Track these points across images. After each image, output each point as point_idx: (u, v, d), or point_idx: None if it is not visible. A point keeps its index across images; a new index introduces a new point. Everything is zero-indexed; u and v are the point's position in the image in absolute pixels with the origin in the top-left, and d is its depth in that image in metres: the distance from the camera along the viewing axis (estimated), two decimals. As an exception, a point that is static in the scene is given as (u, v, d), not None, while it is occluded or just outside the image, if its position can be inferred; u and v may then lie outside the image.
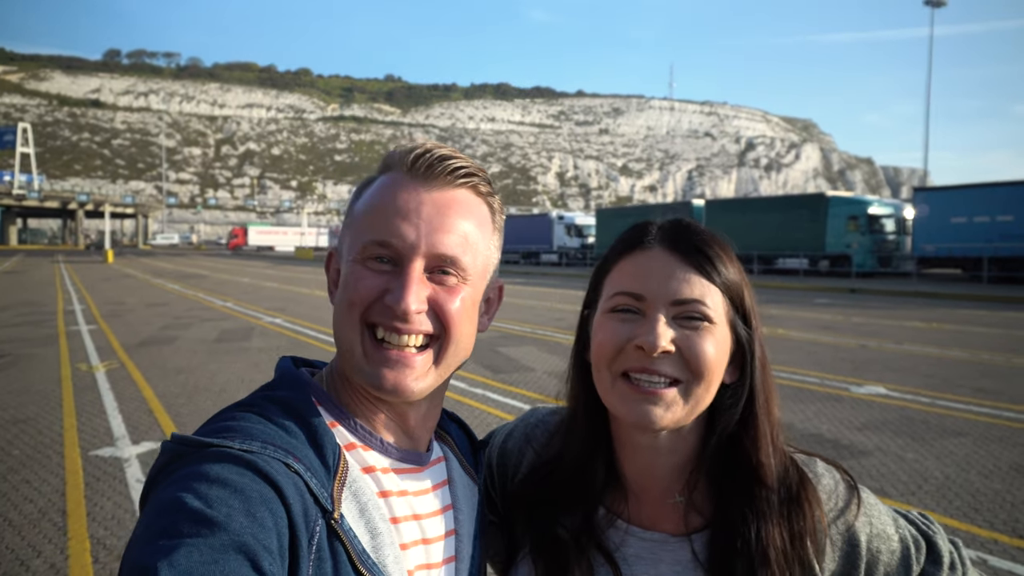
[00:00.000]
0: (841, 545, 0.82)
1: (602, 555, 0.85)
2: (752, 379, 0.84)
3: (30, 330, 12.68)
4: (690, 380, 0.79)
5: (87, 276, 30.25)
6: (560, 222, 45.80)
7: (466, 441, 0.95)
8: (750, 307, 0.84)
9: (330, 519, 0.67)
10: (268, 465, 0.64)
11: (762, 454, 0.82)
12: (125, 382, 8.10)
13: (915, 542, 0.85)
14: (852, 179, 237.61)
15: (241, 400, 0.76)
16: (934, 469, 5.13)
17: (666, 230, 0.84)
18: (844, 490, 0.85)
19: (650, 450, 0.85)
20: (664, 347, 0.77)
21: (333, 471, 0.70)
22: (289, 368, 0.81)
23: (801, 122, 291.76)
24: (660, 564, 0.84)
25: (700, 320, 0.79)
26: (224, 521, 0.58)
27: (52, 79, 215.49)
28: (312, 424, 0.72)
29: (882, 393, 7.62)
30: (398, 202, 0.75)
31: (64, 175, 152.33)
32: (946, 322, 14.33)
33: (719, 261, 0.81)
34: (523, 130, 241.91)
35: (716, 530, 0.82)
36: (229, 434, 0.67)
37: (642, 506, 0.87)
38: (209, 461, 0.63)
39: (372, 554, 0.70)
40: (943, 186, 28.18)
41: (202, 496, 0.59)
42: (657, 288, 0.80)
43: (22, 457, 5.32)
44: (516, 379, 8.29)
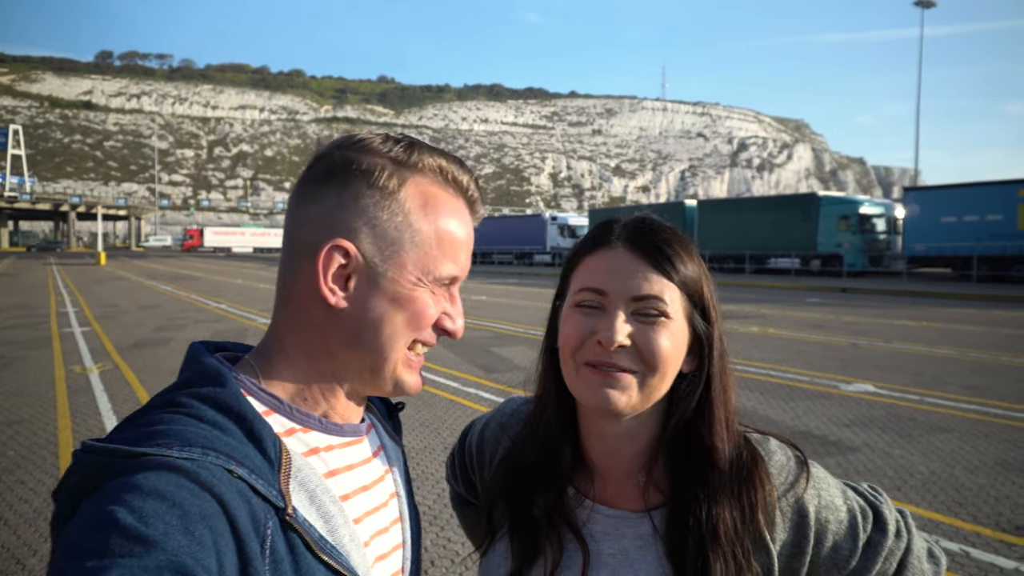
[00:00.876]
0: (791, 516, 0.87)
1: (571, 531, 0.91)
2: (709, 369, 0.90)
3: (23, 332, 12.66)
4: (645, 372, 0.85)
5: (80, 278, 30.15)
6: (553, 223, 45.89)
7: (383, 406, 0.98)
8: (709, 301, 0.89)
9: (283, 515, 0.66)
10: (210, 474, 0.60)
11: (716, 439, 0.88)
12: (119, 384, 8.12)
13: (862, 512, 0.91)
14: (844, 179, 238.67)
15: (160, 399, 0.70)
16: (920, 465, 5.21)
17: (628, 229, 0.89)
18: (795, 465, 0.90)
19: (613, 437, 0.91)
20: (620, 342, 0.83)
21: (277, 464, 0.68)
22: (207, 358, 0.76)
23: (793, 122, 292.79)
24: (623, 539, 0.90)
25: (657, 316, 0.85)
26: (161, 539, 0.54)
27: (43, 81, 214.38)
28: (247, 418, 0.68)
29: (871, 391, 7.70)
30: (465, 239, 0.82)
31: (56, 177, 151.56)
32: (935, 320, 14.46)
33: (677, 259, 0.86)
34: (516, 131, 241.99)
35: (672, 507, 0.88)
36: (163, 440, 0.62)
37: (607, 486, 0.93)
38: (145, 471, 0.58)
39: (329, 538, 0.70)
40: (933, 186, 28.37)
41: (136, 511, 0.55)
42: (617, 285, 0.85)
43: (17, 458, 5.35)
44: (509, 378, 8.34)
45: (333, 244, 0.75)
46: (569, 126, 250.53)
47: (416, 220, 0.77)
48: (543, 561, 0.90)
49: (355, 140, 0.79)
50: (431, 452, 5.57)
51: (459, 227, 0.80)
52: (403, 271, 0.76)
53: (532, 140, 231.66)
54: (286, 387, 0.78)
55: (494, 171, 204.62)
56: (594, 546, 0.90)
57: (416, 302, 0.77)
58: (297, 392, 0.78)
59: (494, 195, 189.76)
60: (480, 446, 1.09)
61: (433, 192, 0.79)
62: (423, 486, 4.82)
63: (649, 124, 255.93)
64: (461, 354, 10.18)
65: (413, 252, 0.77)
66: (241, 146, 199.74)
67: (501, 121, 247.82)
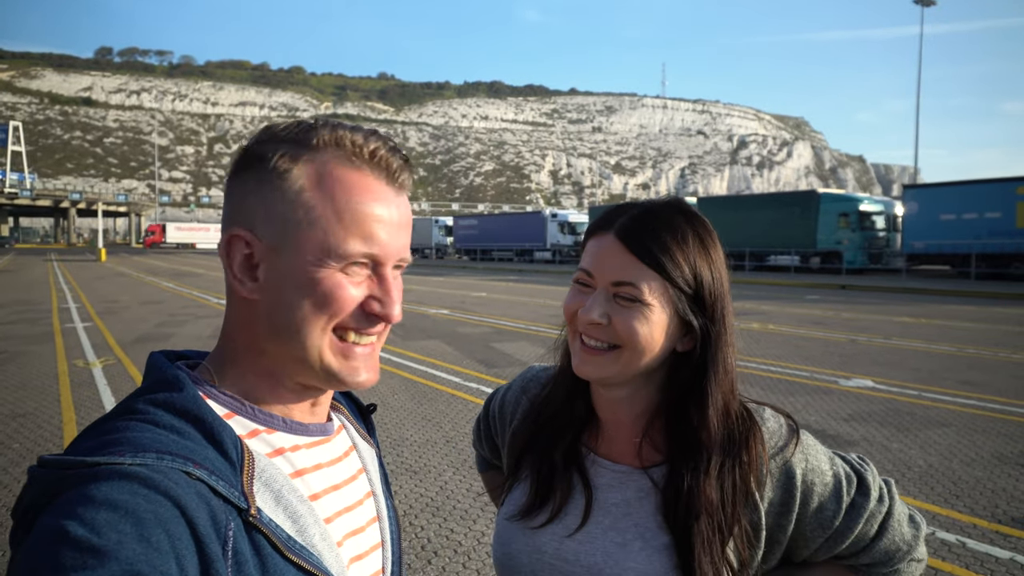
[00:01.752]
0: (779, 476, 0.95)
1: (580, 479, 1.02)
2: (704, 355, 0.96)
3: (25, 327, 12.70)
4: (622, 347, 0.93)
5: (80, 275, 30.18)
6: (554, 220, 45.90)
7: (354, 408, 0.98)
8: (710, 293, 0.95)
9: (247, 516, 0.64)
10: (165, 477, 0.59)
11: (707, 418, 0.95)
12: (122, 378, 8.16)
13: (847, 477, 0.98)
14: (844, 177, 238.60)
15: (118, 407, 0.69)
16: (917, 458, 5.26)
17: (626, 219, 0.96)
18: (786, 431, 0.98)
19: (611, 399, 1.01)
20: (594, 319, 0.93)
21: (239, 465, 0.67)
22: (165, 365, 0.74)
23: (793, 120, 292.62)
24: (626, 491, 0.99)
25: (632, 300, 0.92)
26: (114, 549, 0.53)
27: (43, 77, 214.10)
28: (206, 421, 0.67)
29: (869, 386, 7.75)
30: (378, 209, 0.74)
31: (56, 173, 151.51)
32: (934, 317, 14.51)
33: (664, 254, 0.92)
34: (516, 128, 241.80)
35: (669, 467, 0.98)
36: (116, 448, 0.61)
37: (611, 443, 1.03)
38: (96, 481, 0.57)
39: (298, 538, 0.69)
40: (932, 183, 28.39)
41: (88, 523, 0.53)
42: (602, 269, 0.94)
43: (22, 451, 5.40)
44: (510, 373, 8.39)
45: (231, 234, 0.75)
46: (569, 123, 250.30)
47: (309, 198, 0.72)
48: (552, 502, 1.00)
49: (262, 129, 0.78)
50: (433, 445, 5.61)
51: (367, 201, 0.73)
52: (301, 253, 0.72)
53: (532, 137, 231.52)
54: (240, 387, 0.76)
55: (494, 168, 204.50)
56: (597, 495, 1.00)
57: (320, 284, 0.72)
58: (250, 391, 0.76)
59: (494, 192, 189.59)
60: (502, 408, 1.20)
61: (332, 167, 0.73)
62: (426, 478, 4.87)
63: (649, 121, 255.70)
64: (462, 349, 10.24)
65: (309, 231, 0.72)
66: (241, 143, 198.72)
67: (501, 118, 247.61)
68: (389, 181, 0.76)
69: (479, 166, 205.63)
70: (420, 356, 9.69)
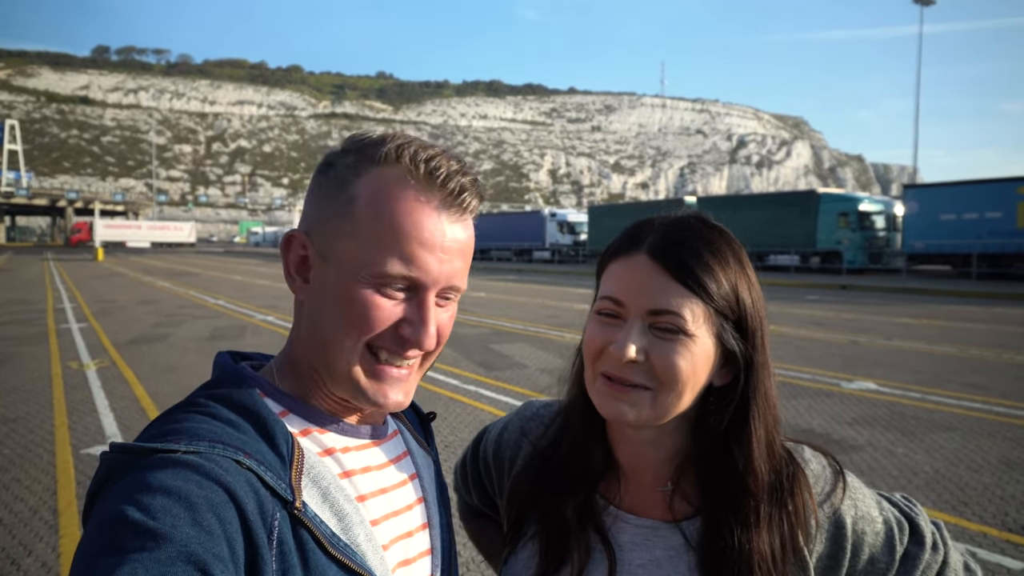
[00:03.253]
0: (828, 528, 0.84)
1: (599, 538, 0.88)
2: (745, 388, 0.85)
3: (20, 328, 12.59)
4: (658, 388, 0.80)
5: (77, 274, 30.05)
6: (552, 219, 45.82)
7: (413, 414, 0.97)
8: (748, 313, 0.84)
9: (292, 509, 0.66)
10: (216, 465, 0.62)
11: (752, 461, 0.83)
12: (116, 380, 8.06)
13: (898, 523, 0.88)
14: (843, 176, 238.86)
15: (183, 401, 0.73)
16: (924, 463, 5.17)
17: (657, 235, 0.83)
18: (831, 475, 0.87)
19: (636, 442, 0.88)
20: (631, 357, 0.79)
21: (288, 460, 0.69)
22: (229, 363, 0.79)
23: (792, 119, 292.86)
24: (655, 549, 0.87)
25: (675, 332, 0.79)
26: (169, 532, 0.56)
27: (40, 75, 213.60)
28: (261, 416, 0.70)
29: (872, 388, 7.67)
30: (424, 232, 0.72)
31: (53, 172, 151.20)
32: (935, 318, 14.44)
33: (705, 272, 0.80)
34: (515, 127, 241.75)
35: (705, 523, 0.85)
36: (173, 436, 0.64)
37: (634, 493, 0.90)
38: (152, 469, 0.60)
39: (342, 536, 0.70)
40: (933, 183, 28.33)
41: (144, 507, 0.57)
42: (635, 296, 0.81)
43: (12, 456, 5.29)
44: (509, 376, 8.30)
45: (289, 233, 0.78)
46: (568, 122, 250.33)
47: (360, 212, 0.72)
48: (569, 567, 0.88)
49: (348, 137, 0.79)
50: (431, 450, 5.51)
51: (412, 219, 0.71)
52: (343, 265, 0.72)
53: (531, 136, 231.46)
54: (297, 387, 0.78)
55: (493, 167, 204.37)
56: (621, 555, 0.87)
57: (356, 301, 0.72)
58: (306, 392, 0.78)
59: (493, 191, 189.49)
60: (498, 451, 1.05)
61: (388, 183, 0.72)
62: (423, 485, 4.77)
63: (648, 121, 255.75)
64: (461, 351, 10.14)
65: (353, 245, 0.72)
66: (239, 142, 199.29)
67: (500, 117, 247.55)
68: (445, 202, 0.73)
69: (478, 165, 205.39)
70: (418, 358, 9.58)
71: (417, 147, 0.74)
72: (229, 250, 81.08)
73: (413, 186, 0.72)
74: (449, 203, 0.73)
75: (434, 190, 0.73)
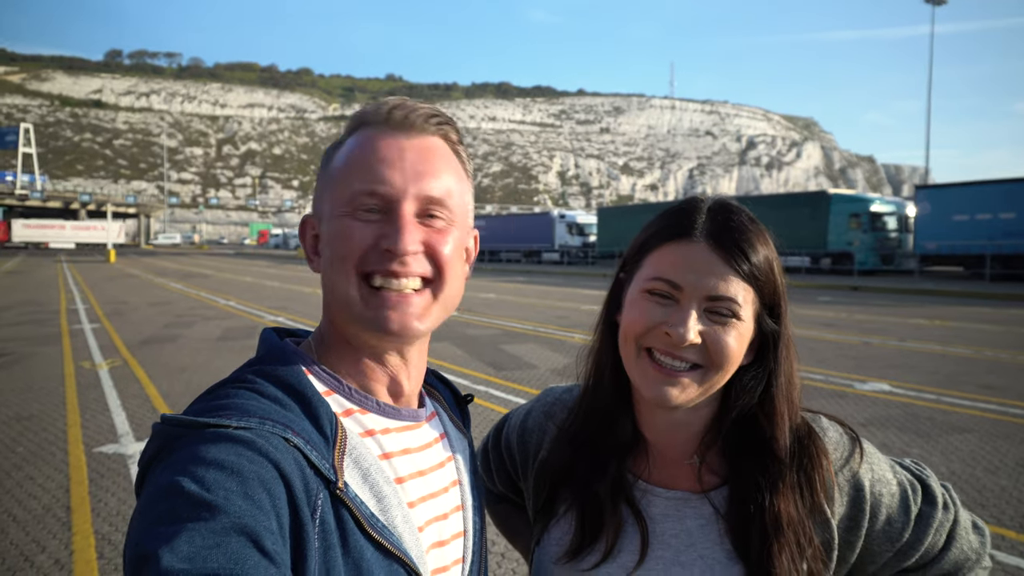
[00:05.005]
0: (848, 490, 0.89)
1: (632, 512, 0.91)
2: (773, 364, 0.89)
3: (33, 329, 12.68)
4: (708, 367, 0.85)
5: (90, 276, 30.27)
6: (562, 221, 45.78)
7: (451, 396, 0.99)
8: (781, 294, 0.90)
9: (335, 489, 0.67)
10: (266, 442, 0.64)
11: (777, 431, 0.88)
12: (128, 380, 8.10)
13: (911, 485, 0.93)
14: (853, 177, 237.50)
15: (231, 376, 0.75)
16: (940, 465, 5.11)
17: (715, 224, 0.87)
18: (848, 441, 0.93)
19: (665, 420, 0.92)
20: (692, 340, 0.83)
21: (332, 441, 0.71)
22: (275, 340, 0.81)
23: (802, 120, 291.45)
24: (686, 520, 0.91)
25: (729, 316, 0.84)
26: (223, 504, 0.58)
27: (54, 80, 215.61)
28: (306, 395, 0.72)
29: (886, 390, 7.60)
30: (380, 151, 0.76)
31: (66, 175, 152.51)
32: (949, 319, 14.31)
33: (756, 257, 0.86)
34: (524, 129, 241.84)
35: (732, 490, 0.90)
36: (224, 412, 0.66)
37: (662, 467, 0.94)
38: (205, 442, 0.62)
39: (381, 517, 0.71)
40: (945, 183, 28.12)
41: (199, 479, 0.59)
42: (695, 282, 0.84)
43: (26, 454, 5.32)
44: (519, 376, 8.29)
45: (303, 219, 0.84)
46: (577, 124, 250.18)
47: (334, 166, 0.80)
48: (603, 540, 0.91)
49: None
50: (442, 450, 5.51)
51: (369, 144, 0.77)
52: (329, 213, 0.78)
53: (540, 138, 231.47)
54: (333, 363, 0.80)
55: (502, 169, 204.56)
56: (653, 527, 0.91)
57: (339, 233, 0.76)
58: (341, 368, 0.80)
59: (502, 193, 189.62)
60: (522, 436, 1.08)
61: (358, 139, 0.79)
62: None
63: (657, 122, 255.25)
64: (471, 352, 10.14)
65: (329, 194, 0.79)
66: (250, 144, 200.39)
67: (509, 119, 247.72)
68: (398, 125, 0.78)
69: (487, 167, 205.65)
70: (429, 358, 9.56)
71: (379, 103, 0.80)
72: (240, 252, 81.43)
73: (371, 127, 0.79)
74: (403, 125, 0.78)
75: (388, 122, 0.78)
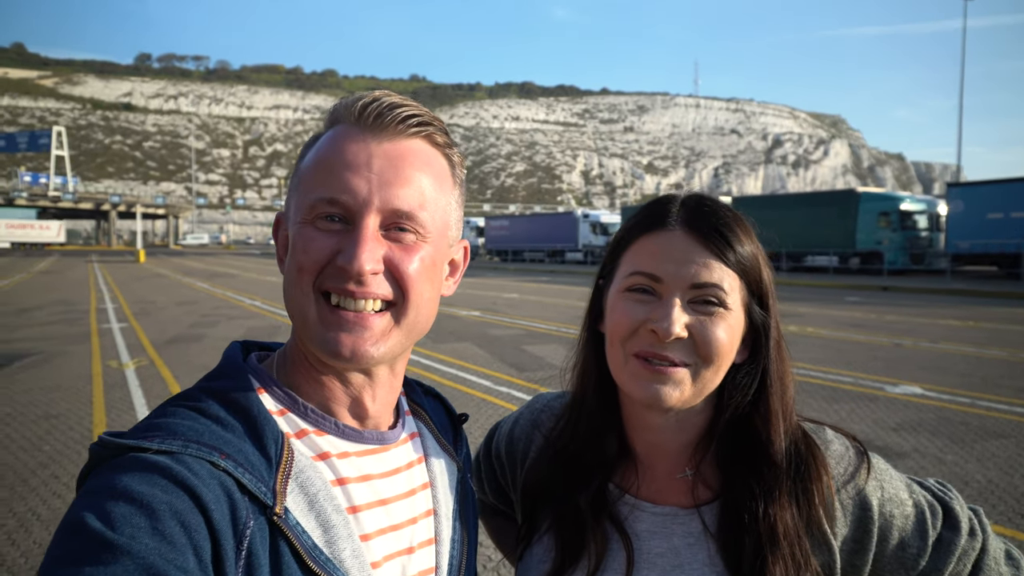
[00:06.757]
0: (852, 509, 0.81)
1: (615, 529, 0.85)
2: (766, 361, 0.84)
3: (64, 328, 12.89)
4: (699, 364, 0.79)
5: (119, 275, 30.80)
6: (585, 220, 45.59)
7: (444, 415, 0.91)
8: (767, 287, 0.84)
9: (271, 515, 0.62)
10: (184, 468, 0.59)
11: (772, 433, 0.82)
12: (154, 379, 8.18)
13: (931, 507, 0.84)
14: (882, 175, 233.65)
15: (183, 391, 0.71)
16: (975, 472, 4.95)
17: (688, 210, 0.82)
18: (854, 455, 0.85)
19: (659, 428, 0.85)
20: (678, 334, 0.77)
21: (276, 463, 0.65)
22: (231, 355, 0.76)
23: (829, 118, 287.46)
24: (673, 537, 0.84)
25: (716, 305, 0.79)
26: (126, 544, 0.54)
27: (85, 83, 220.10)
28: (251, 414, 0.67)
29: (918, 393, 7.40)
30: (346, 155, 0.69)
31: (97, 177, 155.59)
32: (983, 320, 13.95)
33: (738, 243, 0.80)
34: (547, 129, 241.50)
35: (725, 504, 0.82)
36: (151, 432, 0.62)
37: (651, 480, 0.87)
38: (119, 471, 0.59)
39: (325, 549, 0.65)
40: (979, 181, 27.45)
41: (105, 516, 0.55)
42: (675, 271, 0.79)
43: (52, 452, 5.38)
44: (541, 377, 8.21)
45: (276, 216, 0.79)
46: (601, 123, 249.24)
47: (301, 166, 0.74)
48: (586, 559, 0.84)
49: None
50: (463, 452, 5.46)
51: (337, 145, 0.71)
52: (293, 218, 0.72)
53: (563, 138, 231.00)
54: (293, 380, 0.75)
55: (525, 169, 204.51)
56: (639, 544, 0.84)
57: (297, 242, 0.70)
58: (300, 385, 0.74)
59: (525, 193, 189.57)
60: (510, 445, 1.02)
61: (326, 138, 0.73)
62: (455, 487, 4.71)
63: (682, 121, 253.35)
64: (493, 352, 10.09)
65: (296, 195, 0.73)
66: (276, 145, 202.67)
67: (532, 119, 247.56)
68: (368, 125, 0.71)
69: (510, 167, 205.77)
70: (450, 359, 9.56)
71: (355, 97, 0.73)
72: (266, 252, 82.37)
73: (342, 126, 0.72)
74: (375, 124, 0.71)
75: (362, 124, 0.71)
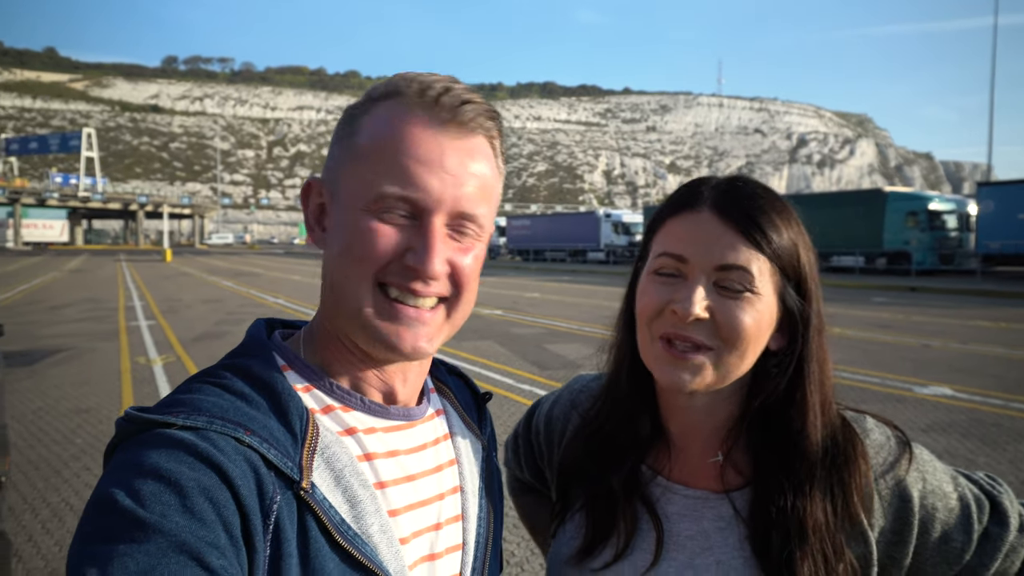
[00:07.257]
0: (891, 500, 0.78)
1: (646, 510, 0.85)
2: (803, 349, 0.81)
3: (93, 325, 13.14)
4: (721, 348, 0.77)
5: (147, 274, 31.29)
6: (607, 220, 45.42)
7: (468, 394, 0.91)
8: (806, 274, 0.81)
9: (298, 490, 0.62)
10: (210, 444, 0.59)
11: (808, 425, 0.79)
12: (181, 375, 8.30)
13: (977, 501, 0.81)
14: (910, 175, 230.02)
15: (206, 368, 0.70)
16: (1009, 475, 4.85)
17: (718, 191, 0.81)
18: (895, 445, 0.82)
19: (687, 410, 0.85)
20: (698, 314, 0.76)
21: (301, 438, 0.65)
22: (256, 332, 0.75)
23: (856, 117, 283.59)
24: (703, 520, 0.83)
25: (741, 290, 0.77)
26: (158, 522, 0.54)
27: (114, 86, 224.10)
28: (275, 389, 0.67)
29: (948, 394, 7.27)
30: (419, 148, 0.67)
31: (125, 177, 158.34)
32: (1015, 321, 13.66)
33: (771, 228, 0.78)
34: (569, 128, 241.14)
35: (756, 492, 0.81)
36: (177, 408, 0.62)
37: (684, 463, 0.87)
38: (146, 447, 0.58)
39: (353, 524, 0.65)
40: (1010, 180, 26.89)
41: (135, 493, 0.55)
42: (700, 252, 0.78)
43: (84, 445, 5.49)
44: (563, 376, 8.20)
45: (307, 181, 0.76)
46: (623, 123, 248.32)
47: (361, 141, 0.70)
48: (616, 538, 0.84)
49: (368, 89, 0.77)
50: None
51: (407, 137, 0.67)
52: (348, 200, 0.69)
53: (585, 137, 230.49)
54: (321, 358, 0.74)
55: (547, 168, 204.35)
56: (668, 526, 0.84)
57: (359, 232, 0.68)
58: (329, 363, 0.73)
59: (547, 192, 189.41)
60: (548, 424, 1.03)
61: (389, 111, 0.70)
62: (478, 483, 4.72)
63: (705, 120, 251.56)
64: (515, 351, 10.10)
65: (355, 176, 0.69)
66: (299, 146, 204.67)
67: (554, 119, 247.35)
68: (441, 119, 0.69)
69: (532, 167, 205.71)
70: (473, 356, 9.58)
71: (416, 76, 0.71)
72: (289, 251, 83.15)
73: (408, 108, 0.69)
74: (446, 119, 0.69)
75: (436, 113, 0.69)
